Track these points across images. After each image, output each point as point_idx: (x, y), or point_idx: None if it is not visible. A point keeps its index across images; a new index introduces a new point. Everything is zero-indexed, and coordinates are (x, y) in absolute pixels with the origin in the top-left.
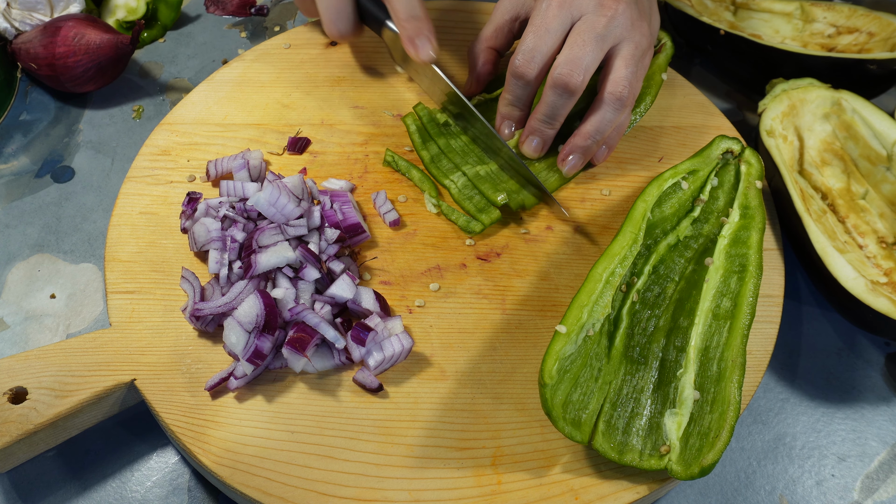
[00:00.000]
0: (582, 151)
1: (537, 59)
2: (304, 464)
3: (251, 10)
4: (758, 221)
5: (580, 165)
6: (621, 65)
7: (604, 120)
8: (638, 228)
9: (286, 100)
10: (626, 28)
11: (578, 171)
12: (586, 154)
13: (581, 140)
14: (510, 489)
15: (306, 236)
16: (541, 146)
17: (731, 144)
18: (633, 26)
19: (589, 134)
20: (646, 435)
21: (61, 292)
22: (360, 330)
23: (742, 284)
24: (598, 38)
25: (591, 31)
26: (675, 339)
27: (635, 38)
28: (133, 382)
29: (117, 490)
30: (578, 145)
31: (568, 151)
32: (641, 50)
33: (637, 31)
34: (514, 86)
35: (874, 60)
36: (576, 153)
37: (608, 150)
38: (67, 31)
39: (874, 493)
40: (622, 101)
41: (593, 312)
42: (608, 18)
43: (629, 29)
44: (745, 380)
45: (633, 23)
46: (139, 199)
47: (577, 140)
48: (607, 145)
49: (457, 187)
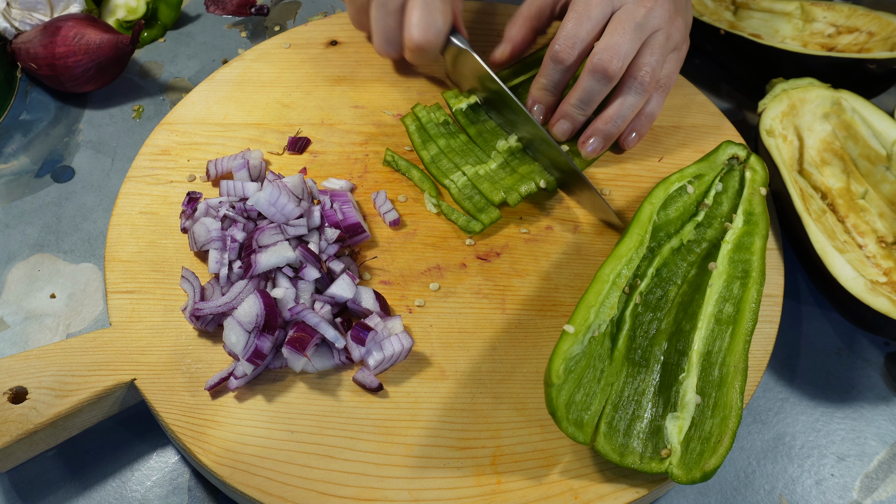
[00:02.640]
0: (603, 135)
1: (577, 45)
2: (304, 463)
3: (251, 9)
4: (761, 228)
5: (600, 149)
6: (648, 52)
7: (625, 104)
8: (645, 230)
9: (286, 99)
10: (663, 20)
11: (598, 155)
12: (607, 138)
13: (602, 124)
14: (510, 489)
15: (306, 236)
16: (570, 130)
17: (737, 150)
18: (670, 19)
19: (611, 118)
20: (647, 438)
21: (61, 292)
22: (360, 330)
23: (745, 290)
24: (637, 27)
25: (630, 20)
26: (677, 342)
27: (670, 30)
28: (133, 382)
29: (117, 490)
30: (600, 129)
31: (589, 134)
32: (674, 42)
33: (672, 24)
34: (552, 70)
35: (874, 60)
36: (597, 136)
37: (637, 137)
38: (67, 30)
39: (873, 492)
40: (644, 86)
41: (600, 313)
42: (647, 9)
43: (666, 21)
44: None
45: (671, 16)
46: (139, 199)
47: (598, 123)
48: (637, 132)
49: (457, 187)
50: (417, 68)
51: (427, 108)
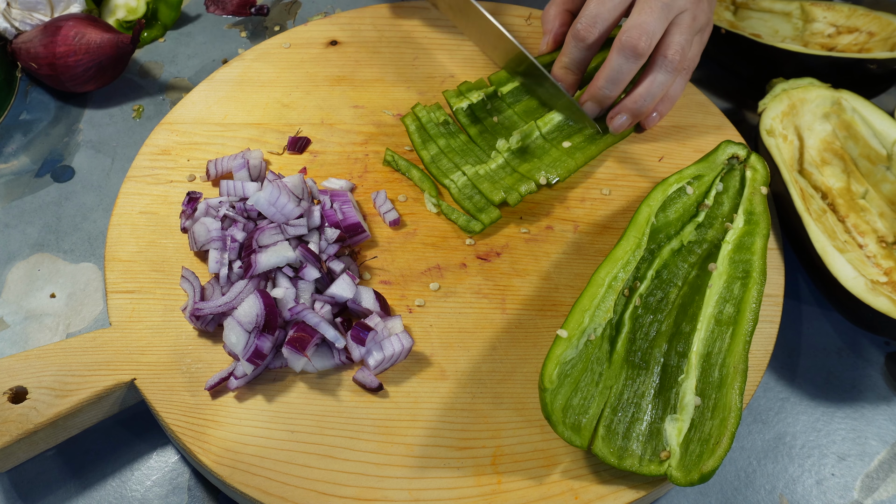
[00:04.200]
0: (632, 112)
1: (599, 23)
2: (304, 463)
3: (251, 9)
4: (762, 228)
5: (627, 125)
6: (677, 31)
7: (655, 82)
8: (642, 233)
9: (286, 99)
10: (690, 0)
11: (626, 130)
12: (636, 115)
13: (632, 102)
14: (510, 489)
15: (306, 236)
16: (597, 109)
17: (737, 150)
18: (696, 1)
19: (641, 96)
20: (646, 440)
21: (61, 292)
22: (360, 329)
23: (745, 290)
24: (664, 7)
25: (658, 0)
26: (677, 344)
27: (696, 11)
28: (133, 382)
29: (117, 489)
30: (628, 106)
31: (618, 110)
32: (700, 23)
33: (699, 5)
34: (574, 48)
35: (874, 60)
36: (626, 113)
37: (658, 117)
38: (68, 30)
39: (874, 492)
40: (674, 64)
41: (595, 317)
42: None
43: (693, 2)
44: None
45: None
46: (139, 199)
47: (628, 101)
48: (658, 112)
49: (457, 187)
50: (418, 67)
51: (427, 107)
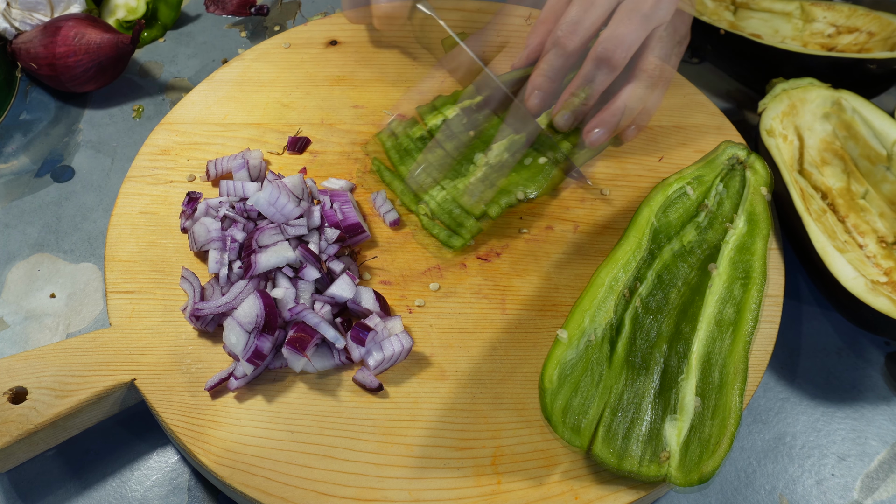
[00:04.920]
0: (609, 126)
1: (580, 31)
2: (304, 464)
3: (251, 9)
4: (763, 229)
5: (604, 139)
6: (658, 45)
7: (633, 96)
8: (642, 234)
9: (286, 99)
10: (669, 12)
11: (602, 145)
12: (613, 129)
13: (609, 115)
14: (510, 489)
15: (306, 236)
16: (572, 121)
17: (737, 151)
18: (676, 12)
19: (619, 109)
20: (646, 442)
21: (61, 292)
22: (359, 330)
23: (746, 292)
24: (644, 18)
25: (637, 11)
26: (678, 345)
27: (675, 22)
28: (133, 382)
29: (117, 489)
30: (606, 119)
31: (595, 124)
32: (680, 35)
33: (678, 17)
34: (553, 56)
35: (874, 60)
36: (602, 127)
37: (637, 129)
38: (67, 30)
39: (874, 492)
40: (653, 78)
41: (595, 318)
42: (655, 0)
43: (672, 13)
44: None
45: (677, 9)
46: (139, 199)
47: (605, 115)
48: (636, 125)
49: (436, 202)
50: (418, 67)
51: (403, 122)
